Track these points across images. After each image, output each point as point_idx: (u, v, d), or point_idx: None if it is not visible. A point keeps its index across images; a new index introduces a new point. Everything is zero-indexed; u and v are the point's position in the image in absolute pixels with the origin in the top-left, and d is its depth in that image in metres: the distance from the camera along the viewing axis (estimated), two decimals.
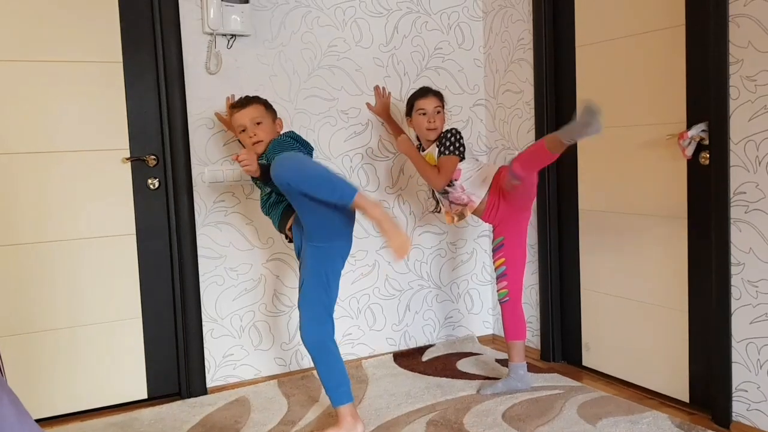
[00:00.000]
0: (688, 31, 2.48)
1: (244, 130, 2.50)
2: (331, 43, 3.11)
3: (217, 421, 2.58)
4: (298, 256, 2.47)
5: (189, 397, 2.84)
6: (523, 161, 2.45)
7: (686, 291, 2.56)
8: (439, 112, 2.79)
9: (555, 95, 3.08)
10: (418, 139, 2.88)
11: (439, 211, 2.99)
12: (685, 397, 2.60)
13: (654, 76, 2.62)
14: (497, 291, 2.77)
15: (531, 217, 2.81)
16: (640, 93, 2.68)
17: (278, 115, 2.61)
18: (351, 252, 2.43)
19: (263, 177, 2.33)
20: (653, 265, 2.68)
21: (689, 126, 2.45)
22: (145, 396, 2.83)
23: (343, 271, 2.42)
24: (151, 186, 2.80)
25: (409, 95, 2.85)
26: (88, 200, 2.70)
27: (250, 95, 2.61)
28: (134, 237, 2.78)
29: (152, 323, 2.83)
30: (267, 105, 2.56)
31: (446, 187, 2.75)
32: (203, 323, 2.90)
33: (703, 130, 2.39)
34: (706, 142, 2.39)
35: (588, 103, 2.18)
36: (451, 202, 2.80)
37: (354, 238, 2.46)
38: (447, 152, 2.70)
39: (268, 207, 2.54)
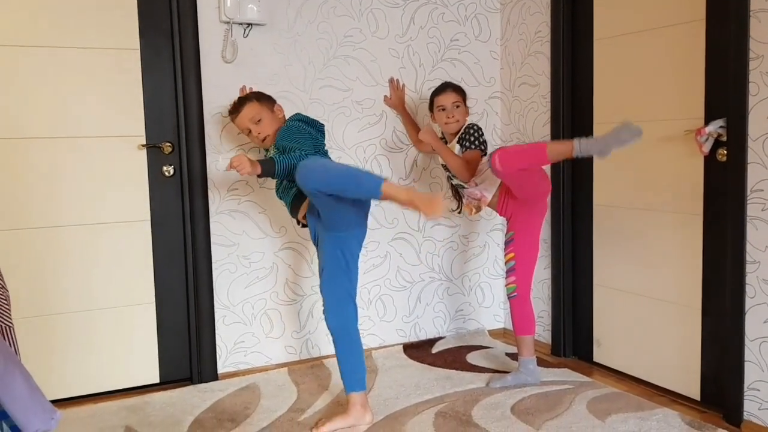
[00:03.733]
0: (707, 26, 2.44)
1: (249, 132, 2.58)
2: (347, 33, 3.10)
3: (227, 406, 2.61)
4: (315, 242, 2.49)
5: (200, 382, 2.87)
6: (507, 158, 2.41)
7: (700, 288, 2.54)
8: (458, 106, 2.80)
9: (572, 89, 3.06)
10: (442, 134, 2.89)
11: (460, 212, 2.99)
12: (696, 395, 2.58)
13: (672, 70, 2.59)
14: (506, 285, 2.76)
15: (546, 212, 2.79)
16: (658, 88, 2.65)
17: (276, 102, 2.66)
18: (363, 243, 2.47)
19: (265, 172, 2.36)
20: (667, 262, 2.66)
21: (707, 122, 2.42)
22: (157, 380, 2.87)
23: None
24: (166, 173, 2.82)
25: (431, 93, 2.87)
26: (103, 186, 2.73)
27: (241, 96, 2.67)
28: (149, 223, 2.81)
29: (165, 309, 2.86)
30: (259, 98, 2.61)
31: (462, 182, 2.76)
32: (215, 310, 2.92)
33: (721, 126, 2.36)
34: (724, 139, 2.36)
35: (630, 123, 2.32)
36: (467, 196, 2.81)
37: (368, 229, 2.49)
38: (472, 147, 2.72)
39: (281, 191, 2.58)
